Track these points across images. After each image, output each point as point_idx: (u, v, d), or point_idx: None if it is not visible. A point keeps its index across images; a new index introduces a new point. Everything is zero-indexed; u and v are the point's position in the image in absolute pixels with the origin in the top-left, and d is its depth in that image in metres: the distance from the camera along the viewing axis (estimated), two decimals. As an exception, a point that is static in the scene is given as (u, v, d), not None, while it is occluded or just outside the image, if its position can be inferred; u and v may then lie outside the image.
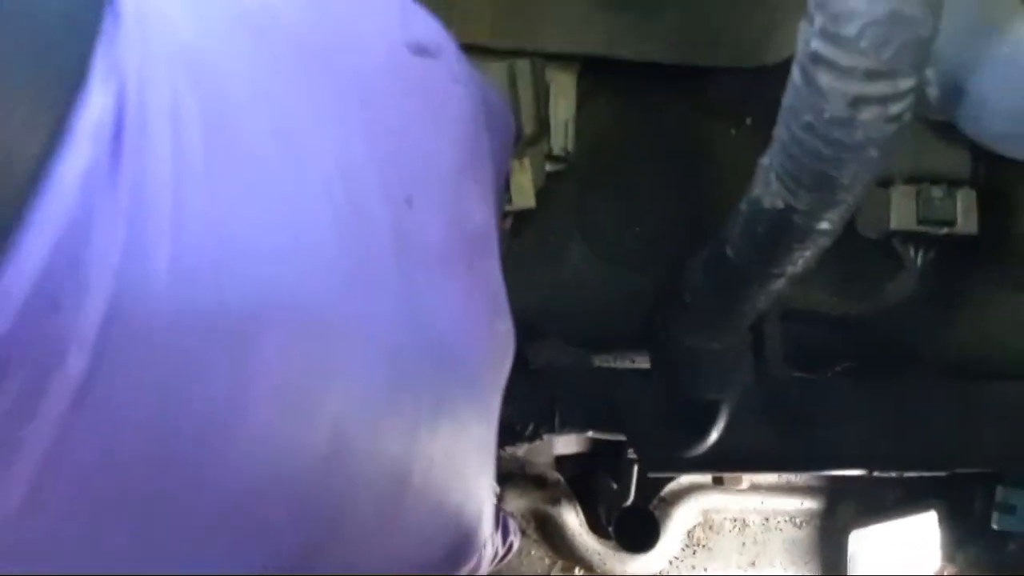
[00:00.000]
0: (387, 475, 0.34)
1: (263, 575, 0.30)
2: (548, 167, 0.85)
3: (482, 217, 0.40)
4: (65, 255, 0.20)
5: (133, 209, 0.22)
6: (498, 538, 0.72)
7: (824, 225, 0.53)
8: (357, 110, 0.32)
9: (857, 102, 0.44)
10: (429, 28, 0.38)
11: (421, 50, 0.36)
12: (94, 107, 0.21)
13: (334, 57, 0.32)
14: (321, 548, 0.32)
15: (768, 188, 0.53)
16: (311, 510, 0.30)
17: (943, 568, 0.95)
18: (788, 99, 0.48)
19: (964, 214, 0.80)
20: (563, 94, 0.83)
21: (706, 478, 1.29)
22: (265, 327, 0.26)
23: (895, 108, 0.45)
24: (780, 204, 0.53)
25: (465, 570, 0.66)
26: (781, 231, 0.55)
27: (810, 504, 1.30)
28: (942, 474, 0.91)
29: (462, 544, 0.48)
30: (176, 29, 0.25)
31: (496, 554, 0.73)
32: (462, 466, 0.41)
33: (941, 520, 1.06)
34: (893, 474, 0.90)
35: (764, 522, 1.31)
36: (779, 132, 0.50)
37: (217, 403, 0.25)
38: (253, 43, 0.29)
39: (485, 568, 0.72)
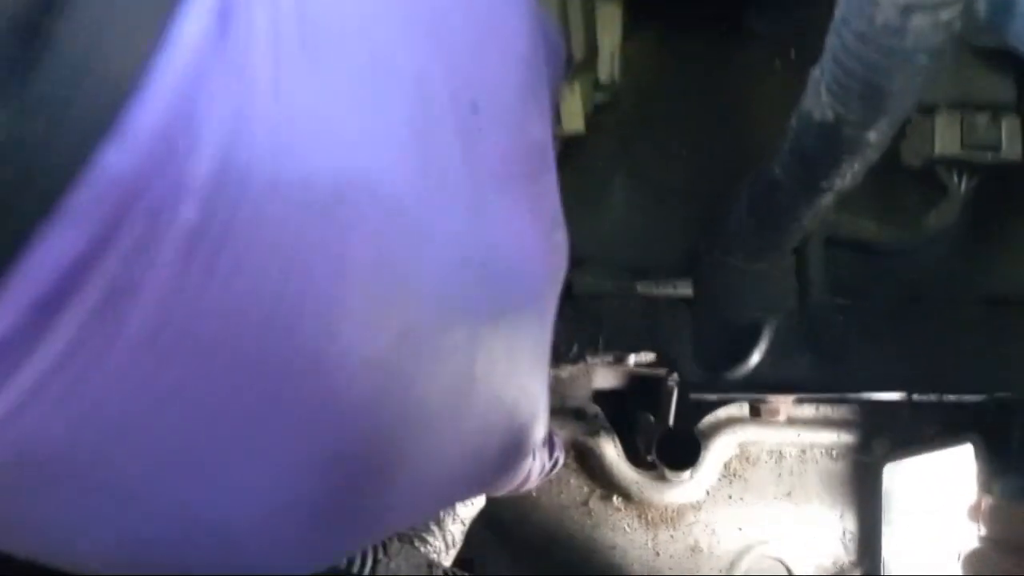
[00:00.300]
0: (452, 366, 0.35)
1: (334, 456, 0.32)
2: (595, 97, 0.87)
3: (543, 133, 0.42)
4: (181, 107, 0.22)
5: (239, 74, 0.23)
6: (545, 453, 0.75)
7: (873, 136, 0.54)
8: (427, 19, 0.33)
9: (908, 9, 0.46)
10: None
11: None
12: None
13: None
14: (390, 433, 0.34)
15: (818, 100, 0.54)
16: (383, 395, 0.32)
17: (981, 499, 0.97)
18: (840, 9, 0.50)
19: (1008, 140, 0.80)
20: (609, 24, 0.84)
21: (743, 411, 1.31)
22: (352, 206, 0.27)
23: (945, 15, 0.46)
24: (830, 116, 0.54)
25: (518, 476, 0.68)
26: (830, 143, 0.56)
27: (847, 437, 1.32)
28: (979, 398, 0.92)
29: (517, 441, 0.50)
30: None
31: (543, 468, 0.75)
32: (520, 365, 0.44)
33: (978, 452, 1.07)
34: (932, 397, 0.91)
35: (800, 454, 1.33)
36: (830, 43, 0.51)
37: (314, 272, 0.26)
38: None
39: (535, 480, 0.75)
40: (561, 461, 0.79)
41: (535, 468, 0.73)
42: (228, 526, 0.31)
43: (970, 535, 0.88)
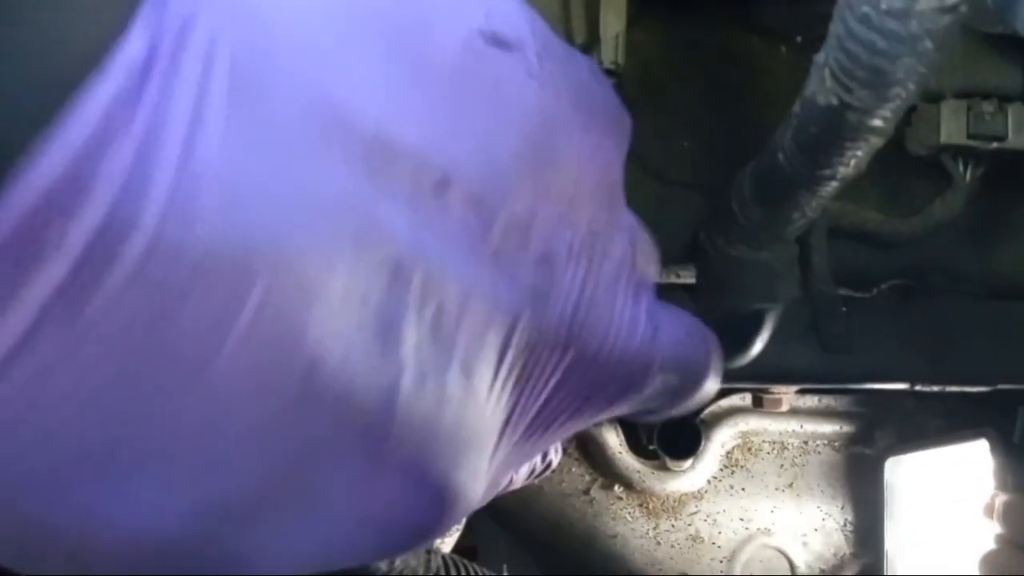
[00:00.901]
0: (364, 422, 0.33)
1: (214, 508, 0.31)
2: (598, 81, 0.86)
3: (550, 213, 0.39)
4: (76, 167, 0.22)
5: (145, 139, 0.23)
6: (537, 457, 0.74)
7: (877, 122, 0.54)
8: (408, 82, 0.32)
9: (914, -8, 0.45)
10: (514, 20, 0.37)
11: (498, 41, 0.36)
12: (133, 43, 0.23)
13: (401, 30, 0.32)
14: (281, 489, 0.32)
15: (822, 85, 0.54)
16: (275, 449, 0.30)
17: (995, 496, 0.96)
18: (845, -7, 0.49)
19: (1015, 129, 0.79)
20: (613, 7, 0.84)
21: (745, 401, 1.30)
22: (257, 271, 0.26)
23: (952, -1, 0.46)
24: (834, 101, 0.53)
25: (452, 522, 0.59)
26: (834, 129, 0.55)
27: (849, 429, 1.31)
28: (984, 389, 0.91)
29: (443, 508, 0.41)
30: None
31: (533, 470, 0.74)
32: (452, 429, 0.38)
33: (993, 447, 1.07)
34: (935, 388, 0.91)
35: (803, 445, 1.33)
36: (834, 27, 0.51)
37: (196, 335, 0.26)
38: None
39: (520, 483, 0.73)
40: (555, 463, 0.77)
41: (523, 471, 0.72)
42: (115, 536, 0.30)
43: (986, 534, 0.87)
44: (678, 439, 1.19)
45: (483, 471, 0.41)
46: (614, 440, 1.29)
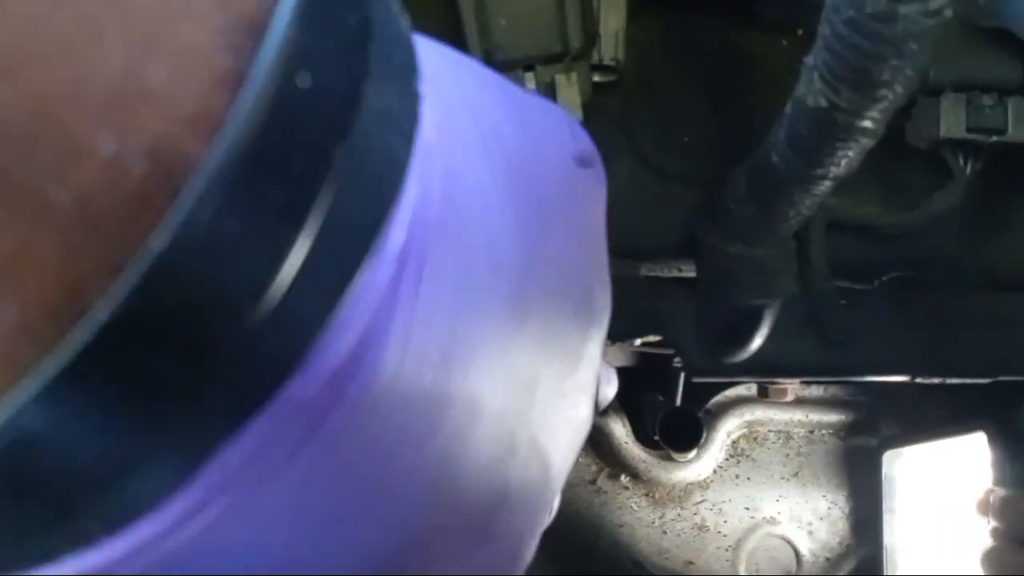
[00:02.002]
0: (480, 520, 0.37)
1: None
2: (597, 78, 0.86)
3: (604, 299, 0.44)
4: (356, 346, 0.25)
5: (406, 311, 0.26)
6: None
7: (866, 123, 0.54)
8: (536, 214, 0.35)
9: (898, -4, 0.45)
10: (586, 140, 0.42)
11: (583, 161, 0.40)
12: (396, 236, 0.25)
13: (529, 167, 0.36)
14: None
15: (811, 87, 0.54)
16: (416, 556, 0.34)
17: (990, 492, 0.96)
18: (831, -4, 0.49)
19: (1014, 122, 0.79)
20: (613, 4, 0.84)
21: (751, 391, 1.31)
22: (468, 413, 0.31)
23: (935, 2, 0.46)
24: (823, 102, 0.54)
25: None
26: (824, 130, 0.56)
27: (854, 418, 1.32)
28: (984, 381, 0.92)
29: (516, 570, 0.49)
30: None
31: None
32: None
33: (991, 441, 1.07)
34: (935, 380, 0.91)
35: (808, 435, 1.34)
36: (822, 30, 0.51)
37: (427, 468, 0.30)
38: (486, 163, 0.33)
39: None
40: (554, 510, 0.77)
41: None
42: None
43: (980, 530, 0.87)
44: (681, 431, 1.19)
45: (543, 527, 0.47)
46: (620, 431, 1.30)
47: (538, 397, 0.37)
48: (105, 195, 0.20)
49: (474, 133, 0.34)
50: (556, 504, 0.66)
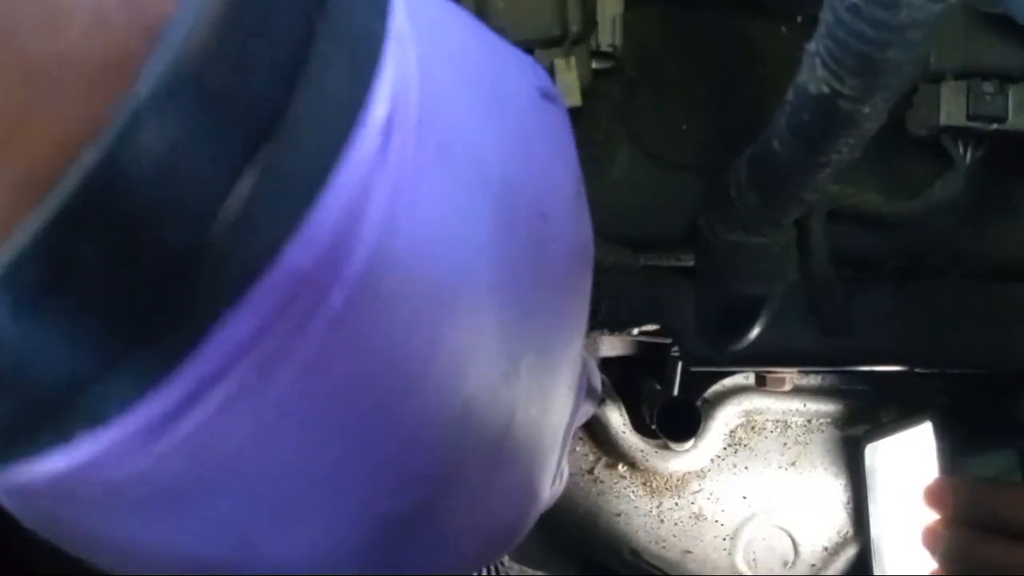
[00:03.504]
0: (492, 442, 0.37)
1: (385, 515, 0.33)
2: (595, 64, 0.86)
3: (590, 231, 0.45)
4: (350, 214, 0.25)
5: (391, 183, 0.26)
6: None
7: (869, 110, 0.54)
8: (515, 138, 0.36)
9: (903, -19, 0.45)
10: (547, 79, 0.43)
11: (548, 96, 0.41)
12: (381, 104, 0.26)
13: (504, 95, 0.38)
14: (432, 505, 0.35)
15: (814, 73, 0.53)
16: (437, 466, 0.33)
17: (945, 481, 0.96)
18: (834, -19, 0.49)
19: (1016, 111, 0.79)
20: (611, -11, 0.83)
21: (749, 380, 1.30)
22: (459, 300, 0.30)
23: (941, -12, 0.45)
24: (825, 89, 0.53)
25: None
26: (826, 117, 0.55)
27: (853, 407, 1.31)
28: (984, 372, 0.92)
29: (530, 512, 0.47)
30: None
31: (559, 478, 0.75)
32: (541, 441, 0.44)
33: (937, 431, 1.07)
34: (934, 371, 0.91)
35: (806, 424, 1.33)
36: (824, 16, 0.51)
37: (423, 351, 0.29)
38: (459, 75, 0.34)
39: (558, 493, 0.73)
40: (566, 475, 0.77)
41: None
42: (278, 564, 0.32)
43: (934, 522, 0.87)
44: (678, 420, 1.19)
45: (554, 472, 0.47)
46: (618, 420, 1.30)
47: (533, 324, 0.37)
48: (87, 51, 0.20)
49: (444, 50, 0.33)
50: (565, 471, 0.67)
